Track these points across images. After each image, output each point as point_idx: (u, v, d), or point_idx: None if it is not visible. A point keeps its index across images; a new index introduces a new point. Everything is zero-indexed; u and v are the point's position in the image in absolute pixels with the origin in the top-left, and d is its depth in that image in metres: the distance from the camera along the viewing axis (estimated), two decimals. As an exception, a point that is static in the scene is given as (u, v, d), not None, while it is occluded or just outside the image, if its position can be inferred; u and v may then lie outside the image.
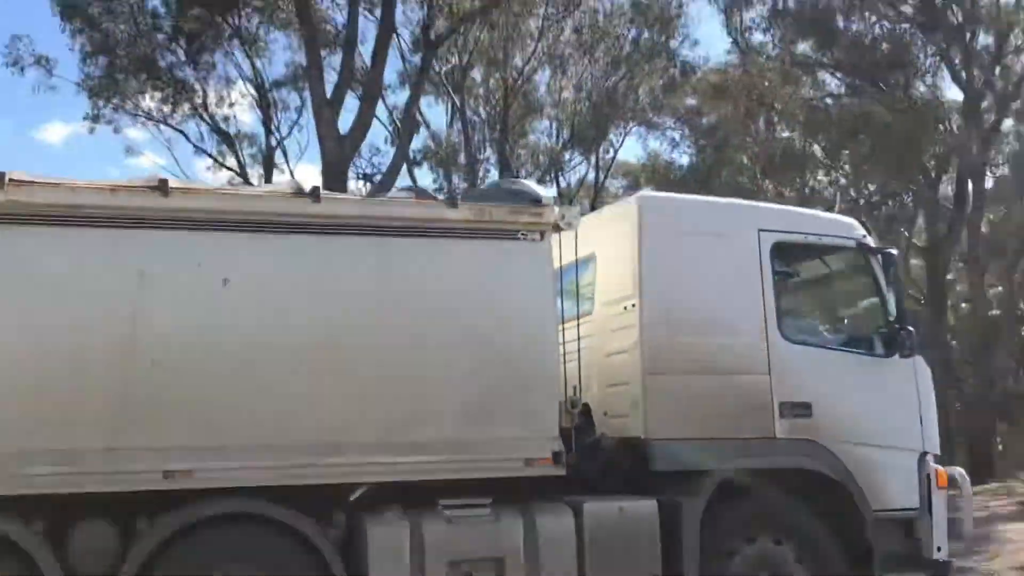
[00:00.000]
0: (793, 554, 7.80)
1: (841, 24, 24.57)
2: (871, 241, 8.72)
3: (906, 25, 24.65)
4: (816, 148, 27.13)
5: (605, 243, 8.26)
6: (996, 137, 24.69)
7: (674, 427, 7.73)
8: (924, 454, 8.50)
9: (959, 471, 9.09)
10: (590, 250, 8.09)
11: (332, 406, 6.82)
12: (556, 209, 7.71)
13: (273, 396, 6.70)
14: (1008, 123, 25.78)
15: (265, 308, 6.79)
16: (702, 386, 7.85)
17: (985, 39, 24.26)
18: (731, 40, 26.10)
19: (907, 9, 24.31)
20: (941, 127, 25.70)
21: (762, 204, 9.37)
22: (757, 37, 25.72)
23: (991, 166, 24.06)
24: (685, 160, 30.83)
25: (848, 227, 8.81)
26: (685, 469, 7.61)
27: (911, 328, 8.49)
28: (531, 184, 8.19)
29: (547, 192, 7.78)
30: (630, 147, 55.61)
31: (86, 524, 6.28)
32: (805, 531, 7.87)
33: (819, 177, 29.30)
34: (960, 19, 23.69)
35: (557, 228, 7.68)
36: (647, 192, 9.61)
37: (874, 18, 24.59)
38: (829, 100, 27.54)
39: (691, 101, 29.43)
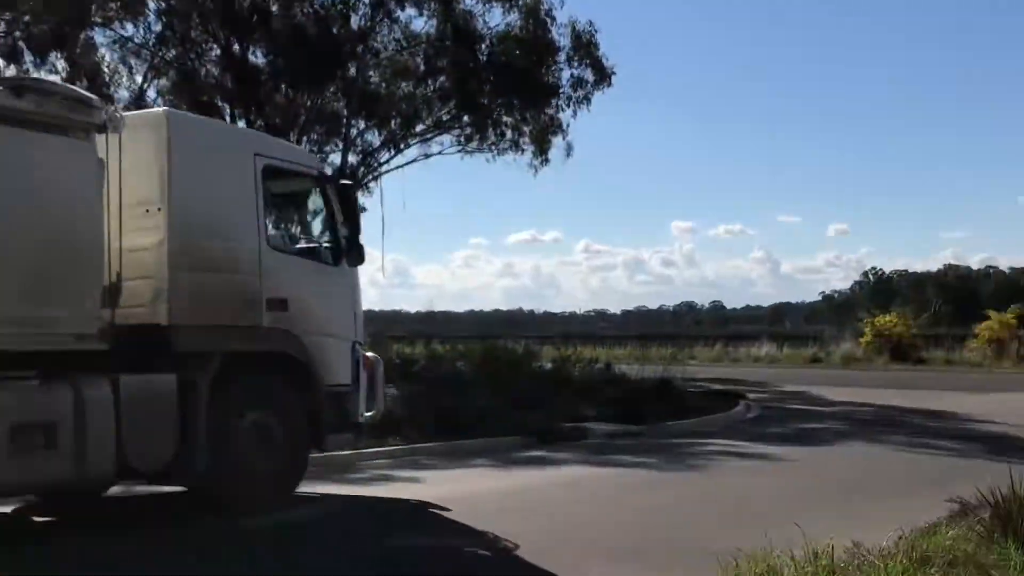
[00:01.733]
0: (277, 419, 9.61)
1: None
2: (329, 172, 10.33)
3: None
4: None
5: (123, 150, 8.73)
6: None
7: (191, 316, 9.09)
8: (356, 343, 10.68)
9: (375, 356, 11.12)
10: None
11: None
12: (104, 111, 8.59)
13: None
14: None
15: None
16: (213, 282, 9.29)
17: None
18: None
19: None
20: None
21: (257, 132, 10.67)
22: None
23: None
24: None
25: (313, 159, 10.74)
26: (198, 351, 8.98)
27: (358, 244, 10.61)
28: (75, 87, 8.82)
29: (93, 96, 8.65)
30: None
31: None
32: (283, 402, 9.75)
33: None
34: None
35: (102, 129, 8.50)
36: (171, 109, 10.83)
37: None
38: None
39: None
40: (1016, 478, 7.09)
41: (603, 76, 27.33)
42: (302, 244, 10.73)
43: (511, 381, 18.81)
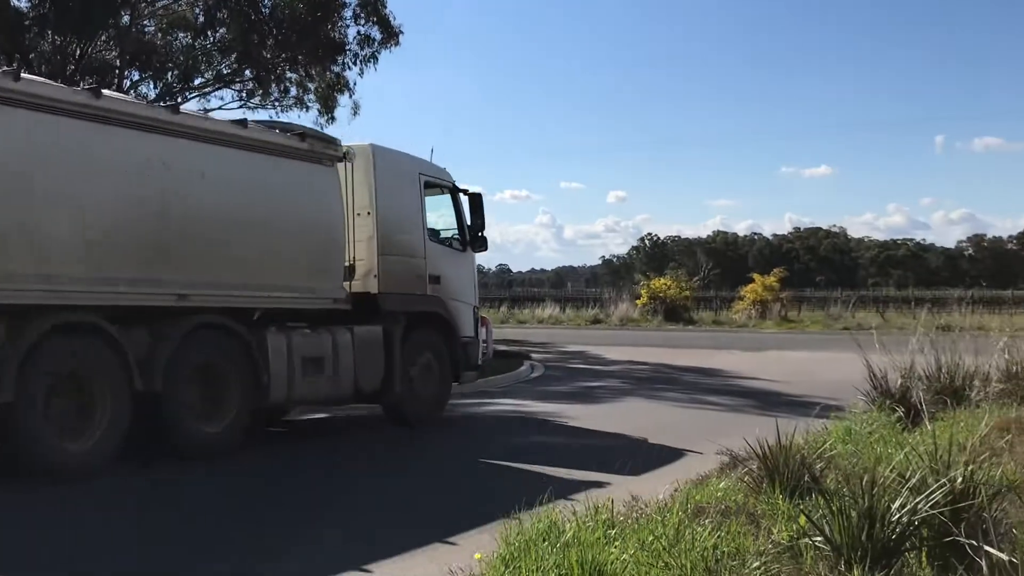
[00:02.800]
0: (435, 359, 13.45)
1: None
2: (457, 184, 14.50)
3: None
4: None
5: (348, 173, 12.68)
6: None
7: (389, 287, 12.83)
8: (475, 306, 14.71)
9: (486, 317, 15.81)
10: None
11: (251, 263, 11.02)
12: (344, 147, 12.50)
13: (228, 256, 10.75)
14: None
15: (217, 200, 10.73)
16: (400, 264, 13.08)
17: None
18: None
19: None
20: None
21: (420, 157, 14.05)
22: None
23: None
24: None
25: (448, 174, 14.42)
26: (395, 311, 12.73)
27: (483, 237, 14.70)
28: (325, 132, 13.60)
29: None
30: None
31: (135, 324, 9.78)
32: (439, 348, 13.54)
33: None
34: None
35: (342, 159, 12.40)
36: (375, 144, 13.33)
37: None
38: None
39: None
40: (782, 431, 7.34)
41: (390, 35, 26.93)
42: (447, 235, 14.37)
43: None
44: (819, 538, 5.28)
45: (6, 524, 7.36)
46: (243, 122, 11.57)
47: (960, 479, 5.63)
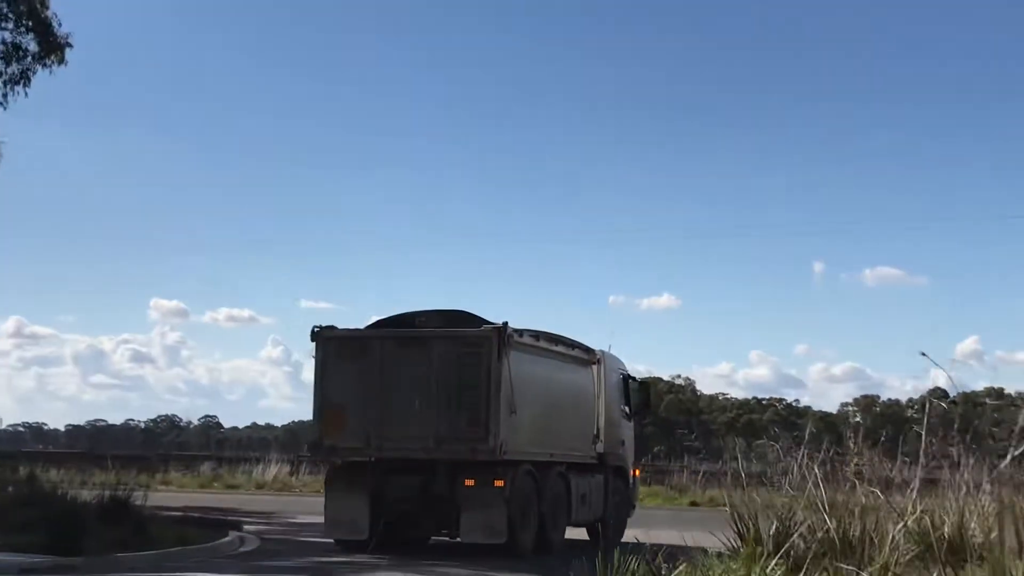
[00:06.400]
0: (622, 499, 28.13)
1: None
2: (630, 373, 29.61)
3: None
4: None
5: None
6: None
7: (607, 448, 27.19)
8: (632, 462, 29.96)
9: (638, 470, 32.69)
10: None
11: (564, 433, 24.72)
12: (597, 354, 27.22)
13: (559, 429, 24.38)
14: None
15: (559, 396, 24.78)
16: (611, 432, 27.35)
17: None
18: None
19: None
20: None
21: (617, 356, 28.57)
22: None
23: None
24: None
25: (624, 364, 29.12)
26: (610, 464, 26.94)
27: (646, 411, 34.62)
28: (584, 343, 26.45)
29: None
30: None
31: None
32: (623, 492, 27.64)
33: None
34: None
35: (596, 363, 26.84)
36: (603, 350, 26.83)
37: None
38: None
39: None
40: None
41: (52, 47, 26.24)
42: (624, 409, 28.26)
43: None
44: None
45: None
46: (571, 344, 25.02)
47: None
